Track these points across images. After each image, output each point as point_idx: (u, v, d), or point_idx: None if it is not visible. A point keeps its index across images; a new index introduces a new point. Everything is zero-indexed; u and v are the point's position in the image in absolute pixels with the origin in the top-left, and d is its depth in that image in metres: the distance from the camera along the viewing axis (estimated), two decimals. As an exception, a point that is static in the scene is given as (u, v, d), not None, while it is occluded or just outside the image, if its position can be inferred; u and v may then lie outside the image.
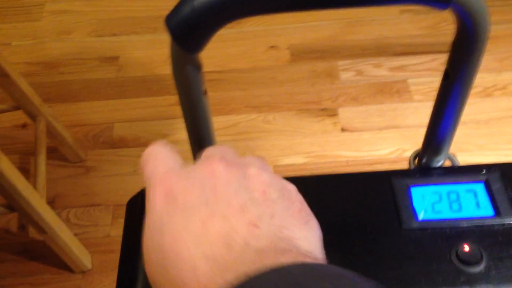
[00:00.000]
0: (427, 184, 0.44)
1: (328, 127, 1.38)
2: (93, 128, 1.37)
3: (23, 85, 1.07)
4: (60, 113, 1.34)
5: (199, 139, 0.44)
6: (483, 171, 0.44)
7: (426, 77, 1.43)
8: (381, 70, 1.47)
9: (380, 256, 0.40)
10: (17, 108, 1.12)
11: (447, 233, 0.41)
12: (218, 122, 1.39)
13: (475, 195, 0.43)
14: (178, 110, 1.59)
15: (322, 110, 1.40)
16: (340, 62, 1.49)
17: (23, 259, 1.18)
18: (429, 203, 0.43)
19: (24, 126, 1.35)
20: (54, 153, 1.29)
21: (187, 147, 1.53)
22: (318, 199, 0.44)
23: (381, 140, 1.35)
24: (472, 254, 0.39)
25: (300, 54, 1.51)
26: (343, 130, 1.37)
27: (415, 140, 1.32)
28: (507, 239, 0.39)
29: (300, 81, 1.46)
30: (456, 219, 0.42)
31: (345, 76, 1.47)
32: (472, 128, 1.32)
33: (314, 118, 1.39)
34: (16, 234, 1.22)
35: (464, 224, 0.41)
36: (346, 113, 1.39)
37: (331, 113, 1.40)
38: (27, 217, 1.01)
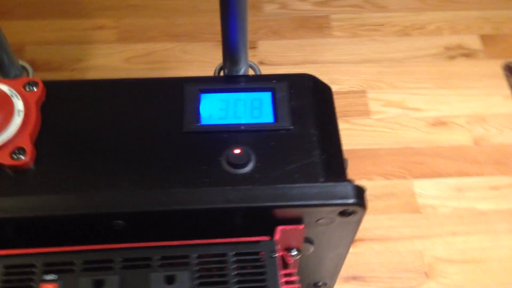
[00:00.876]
0: (217, 91, 0.44)
1: (246, 59, 1.37)
2: (3, 49, 1.33)
3: None
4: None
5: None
6: (273, 81, 0.45)
7: (349, 13, 1.41)
8: (305, 4, 1.45)
9: (156, 157, 0.41)
10: None
11: (223, 137, 0.41)
12: (134, 50, 1.37)
13: (260, 103, 0.44)
14: (94, 35, 1.54)
15: (242, 42, 1.39)
16: (266, -6, 1.46)
17: None
18: (214, 108, 0.43)
19: None
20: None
21: (101, 73, 1.48)
22: (108, 103, 0.44)
23: (297, 74, 1.35)
24: (240, 157, 0.40)
25: (225, -16, 1.47)
26: (260, 63, 1.36)
27: (329, 76, 1.32)
28: (279, 145, 0.40)
29: (223, 12, 1.43)
30: (236, 125, 0.42)
31: (269, 8, 1.44)
32: (386, 66, 1.33)
33: (233, 49, 1.38)
34: None
35: (242, 129, 0.42)
36: (266, 46, 1.38)
37: (251, 45, 1.38)
38: None
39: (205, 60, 1.36)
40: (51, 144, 0.41)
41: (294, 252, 0.43)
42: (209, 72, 1.34)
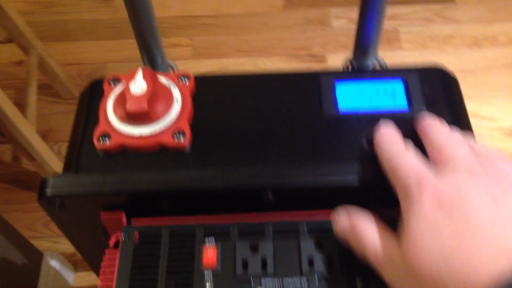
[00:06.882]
0: (351, 80, 0.47)
1: (316, 73, 1.40)
2: (87, 67, 1.41)
3: (15, 16, 1.11)
4: (55, 52, 1.37)
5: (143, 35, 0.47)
6: (403, 73, 0.47)
7: (417, 26, 1.43)
8: (372, 18, 1.47)
9: (301, 138, 0.44)
10: (9, 40, 1.15)
11: (361, 123, 0.44)
12: (207, 66, 1.42)
13: (393, 91, 0.46)
14: (170, 52, 1.60)
15: (311, 56, 1.42)
16: (333, 10, 1.50)
17: (16, 188, 1.24)
18: (350, 97, 0.46)
19: (20, 62, 1.39)
20: (47, 89, 1.33)
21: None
22: (250, 93, 0.47)
23: (368, 86, 1.36)
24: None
25: (294, 1, 1.51)
26: (330, 76, 1.38)
27: (400, 87, 1.33)
28: (415, 132, 0.42)
29: (292, 28, 1.48)
30: (372, 113, 0.45)
31: (337, 23, 1.47)
32: (458, 77, 1.33)
33: (303, 63, 1.41)
34: (10, 165, 1.28)
35: (379, 116, 0.44)
36: (335, 60, 1.41)
37: (320, 59, 1.42)
38: (17, 145, 1.06)
39: (276, 74, 1.40)
40: (203, 129, 0.44)
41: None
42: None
